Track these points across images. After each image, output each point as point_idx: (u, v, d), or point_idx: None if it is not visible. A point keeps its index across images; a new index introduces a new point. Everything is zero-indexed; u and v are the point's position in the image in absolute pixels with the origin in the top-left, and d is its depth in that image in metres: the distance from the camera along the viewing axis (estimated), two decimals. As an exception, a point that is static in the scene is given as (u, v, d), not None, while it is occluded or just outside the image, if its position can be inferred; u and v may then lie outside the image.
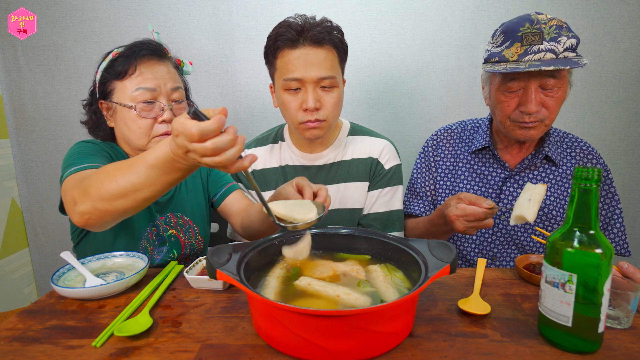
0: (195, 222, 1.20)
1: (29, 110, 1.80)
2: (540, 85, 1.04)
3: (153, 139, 1.06)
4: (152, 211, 1.13)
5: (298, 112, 1.09)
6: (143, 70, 1.04)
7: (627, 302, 0.73)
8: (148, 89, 1.03)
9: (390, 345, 0.67)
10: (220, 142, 0.62)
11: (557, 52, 1.01)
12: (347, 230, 0.92)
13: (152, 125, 1.05)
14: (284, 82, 1.07)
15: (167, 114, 1.05)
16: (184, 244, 1.18)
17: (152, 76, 1.04)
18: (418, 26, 1.69)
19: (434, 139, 1.32)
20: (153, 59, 1.07)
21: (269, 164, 1.25)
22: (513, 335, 0.71)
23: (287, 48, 1.06)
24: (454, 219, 0.99)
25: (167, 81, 1.06)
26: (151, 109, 1.04)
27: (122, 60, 1.04)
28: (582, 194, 0.65)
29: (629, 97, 1.71)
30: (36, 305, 0.85)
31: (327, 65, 1.07)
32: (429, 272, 0.69)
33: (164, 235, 1.15)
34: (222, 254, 0.74)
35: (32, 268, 1.96)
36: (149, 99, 1.04)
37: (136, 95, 1.03)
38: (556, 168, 1.18)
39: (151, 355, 0.67)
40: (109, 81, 1.06)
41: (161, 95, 1.05)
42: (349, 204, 1.24)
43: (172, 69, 1.11)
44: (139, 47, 1.06)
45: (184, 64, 1.18)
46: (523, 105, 1.05)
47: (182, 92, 1.11)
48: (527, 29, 1.02)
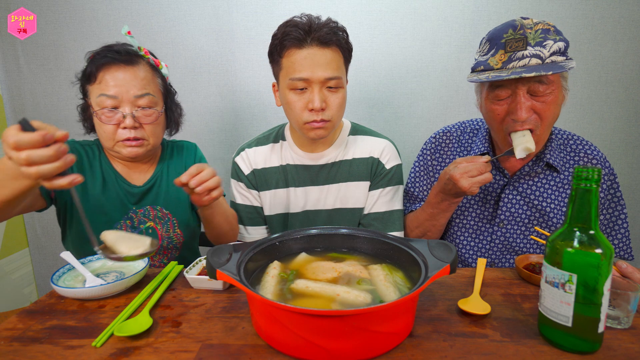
0: (174, 216, 1.22)
1: (29, 110, 1.80)
2: (529, 91, 1.01)
3: (118, 143, 1.09)
4: (125, 203, 1.16)
5: (303, 112, 1.09)
6: (105, 77, 1.05)
7: (627, 302, 0.73)
8: (109, 96, 1.05)
9: (390, 345, 0.67)
10: (35, 155, 0.66)
11: (543, 57, 0.97)
12: (347, 230, 0.92)
13: (116, 130, 1.08)
14: (290, 81, 1.07)
15: (128, 121, 1.06)
16: (161, 236, 1.20)
17: (114, 83, 1.05)
18: (418, 26, 1.69)
19: (432, 142, 1.30)
20: (116, 64, 1.06)
21: (269, 163, 1.25)
22: (513, 335, 0.71)
23: (294, 47, 1.06)
24: (458, 177, 1.01)
25: (130, 88, 1.06)
26: (113, 115, 1.06)
27: (90, 65, 1.08)
28: (582, 194, 0.65)
29: (629, 97, 1.71)
30: (36, 305, 0.85)
31: (334, 65, 1.07)
32: (429, 272, 0.69)
33: (141, 227, 1.17)
34: (222, 254, 0.74)
35: (32, 268, 1.96)
36: (110, 106, 1.05)
37: (99, 102, 1.06)
38: (558, 174, 1.14)
39: (151, 355, 0.67)
40: (83, 85, 1.11)
41: (124, 102, 1.06)
42: (349, 203, 1.24)
43: (143, 74, 1.09)
44: (104, 53, 1.07)
45: (162, 66, 1.17)
46: (512, 113, 1.02)
47: (151, 97, 1.09)
48: (511, 35, 0.99)
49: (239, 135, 1.82)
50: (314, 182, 1.24)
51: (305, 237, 0.91)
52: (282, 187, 1.25)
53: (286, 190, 1.25)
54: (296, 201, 1.25)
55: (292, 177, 1.24)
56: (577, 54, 1.67)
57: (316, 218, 1.25)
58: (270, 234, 1.29)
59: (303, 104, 1.08)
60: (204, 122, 1.82)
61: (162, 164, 1.24)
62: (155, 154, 1.24)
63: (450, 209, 1.14)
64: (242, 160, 1.26)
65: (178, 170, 1.25)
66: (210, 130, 1.83)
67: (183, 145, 1.31)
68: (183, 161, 1.27)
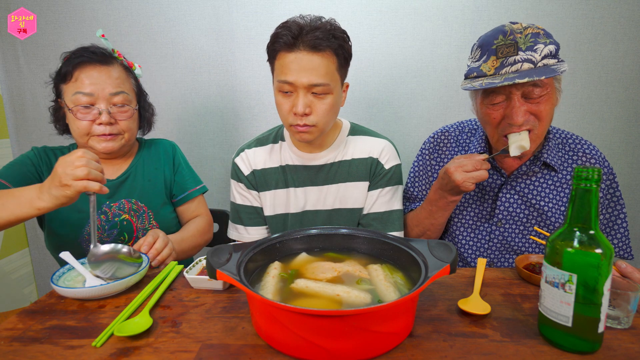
0: (150, 208, 1.25)
1: (29, 110, 1.80)
2: (524, 95, 1.01)
3: (93, 137, 1.14)
4: (99, 198, 1.19)
5: (289, 115, 1.09)
6: (81, 76, 1.11)
7: (627, 302, 0.73)
8: (85, 93, 1.10)
9: (390, 345, 0.67)
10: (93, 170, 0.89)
11: (535, 61, 0.97)
12: (347, 230, 0.92)
13: (90, 126, 1.13)
14: (277, 83, 1.09)
15: (104, 117, 1.12)
16: (136, 228, 1.23)
17: (89, 81, 1.11)
18: (418, 26, 1.69)
19: (431, 141, 1.30)
20: (92, 64, 1.12)
21: (269, 164, 1.25)
22: (513, 335, 0.71)
23: (283, 50, 1.06)
24: (453, 170, 1.03)
25: (106, 86, 1.12)
26: (88, 112, 1.12)
27: (65, 64, 1.13)
28: (582, 194, 0.65)
29: (629, 97, 1.71)
30: (36, 305, 0.85)
31: (321, 71, 1.05)
32: (429, 272, 0.69)
33: (115, 220, 1.20)
34: (222, 254, 0.74)
35: (32, 268, 1.96)
36: (86, 103, 1.11)
37: (74, 99, 1.11)
38: (556, 173, 1.15)
39: (151, 355, 0.67)
40: (57, 84, 1.15)
41: (99, 100, 1.12)
42: (349, 203, 1.24)
43: (118, 74, 1.16)
44: (79, 53, 1.14)
45: (135, 67, 1.24)
46: (508, 117, 1.03)
47: (125, 96, 1.16)
48: (501, 41, 0.99)
49: (239, 135, 1.82)
50: (314, 182, 1.24)
51: (305, 237, 0.91)
52: (282, 187, 1.25)
53: (286, 191, 1.25)
54: (296, 201, 1.25)
55: (291, 178, 1.24)
56: (577, 54, 1.67)
57: (316, 218, 1.25)
58: (270, 234, 1.29)
59: (289, 107, 1.09)
60: (204, 122, 1.82)
61: (137, 158, 1.29)
62: (128, 151, 1.28)
63: (449, 208, 1.15)
64: (242, 161, 1.26)
65: (153, 163, 1.30)
66: (210, 130, 1.83)
67: (160, 142, 1.36)
68: (159, 155, 1.32)
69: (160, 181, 1.29)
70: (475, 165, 1.03)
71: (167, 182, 1.31)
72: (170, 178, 1.32)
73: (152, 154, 1.32)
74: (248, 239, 1.27)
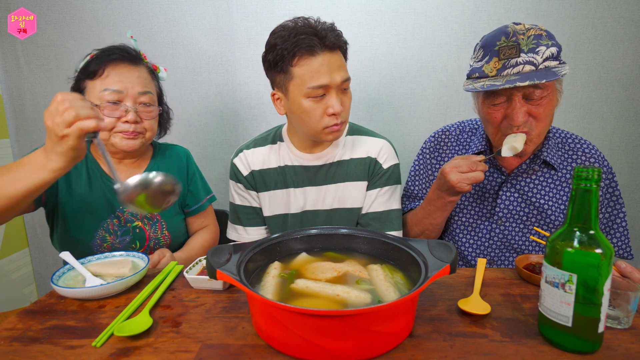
0: (163, 218, 1.24)
1: (29, 110, 1.80)
2: (525, 96, 1.02)
3: (116, 133, 1.13)
4: (112, 202, 1.19)
5: (323, 118, 1.08)
6: (111, 73, 1.11)
7: (627, 302, 0.73)
8: (114, 90, 1.10)
9: (390, 345, 0.67)
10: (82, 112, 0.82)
11: (537, 64, 0.97)
12: (347, 230, 0.92)
13: (115, 123, 1.12)
14: (309, 90, 1.05)
15: (130, 115, 1.11)
16: (148, 237, 1.22)
17: (119, 79, 1.11)
18: (418, 26, 1.69)
19: (432, 141, 1.31)
20: (123, 63, 1.13)
21: (268, 165, 1.25)
22: (513, 335, 0.71)
23: (307, 55, 1.04)
24: (448, 171, 1.04)
25: (134, 85, 1.13)
26: (116, 109, 1.11)
27: (95, 61, 1.12)
28: (582, 194, 0.65)
29: (629, 97, 1.71)
30: (36, 305, 0.85)
31: (344, 67, 1.10)
32: (429, 272, 0.69)
33: (128, 226, 1.20)
34: (222, 254, 0.74)
35: (32, 268, 1.96)
36: (115, 100, 1.10)
37: (103, 95, 1.10)
38: (555, 172, 1.15)
39: (151, 355, 0.67)
40: (82, 80, 1.14)
41: (127, 98, 1.12)
42: (347, 203, 1.24)
43: (145, 74, 1.18)
44: (111, 51, 1.14)
45: (159, 70, 1.25)
46: (509, 118, 1.04)
47: (151, 96, 1.17)
48: (504, 43, 0.99)
49: (239, 135, 1.82)
50: (313, 182, 1.24)
51: (305, 237, 0.91)
52: (281, 187, 1.25)
53: (286, 191, 1.25)
54: (296, 202, 1.25)
55: (291, 178, 1.24)
56: (577, 54, 1.67)
57: (315, 218, 1.25)
58: (270, 234, 1.29)
59: (322, 110, 1.08)
60: (204, 122, 1.82)
61: (151, 165, 1.27)
62: (143, 153, 1.27)
63: (447, 208, 1.15)
64: (241, 162, 1.26)
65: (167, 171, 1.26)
66: (210, 130, 1.83)
67: (173, 149, 1.35)
68: (172, 164, 1.31)
69: None
70: (471, 167, 1.03)
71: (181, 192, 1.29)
72: (183, 188, 1.31)
73: (166, 161, 1.30)
74: (247, 239, 1.28)
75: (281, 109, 1.16)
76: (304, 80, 1.05)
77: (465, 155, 1.07)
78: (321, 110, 1.08)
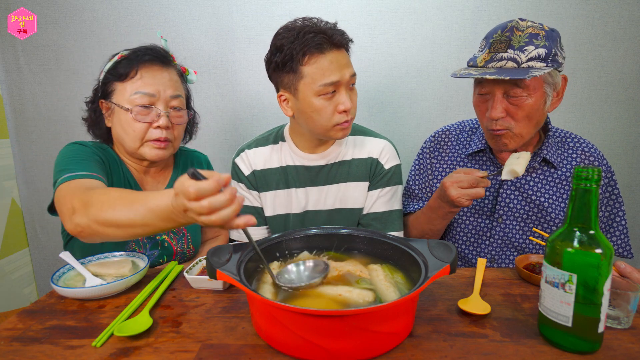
0: (189, 231, 1.23)
1: (29, 110, 1.80)
2: (506, 93, 1.03)
3: (146, 143, 1.08)
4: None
5: (334, 115, 1.09)
6: (144, 75, 1.06)
7: (627, 302, 0.73)
8: (146, 93, 1.05)
9: (390, 345, 0.67)
10: (216, 202, 0.64)
11: (520, 62, 0.98)
12: (347, 230, 0.92)
13: (147, 130, 1.07)
14: (320, 87, 1.05)
15: (162, 120, 1.07)
16: (175, 251, 1.19)
17: (152, 81, 1.06)
18: (418, 26, 1.69)
19: (432, 140, 1.32)
20: (156, 64, 1.08)
21: (269, 164, 1.25)
22: (513, 335, 0.72)
23: (316, 53, 1.04)
24: (448, 185, 1.03)
25: (167, 88, 1.08)
26: (148, 113, 1.06)
27: (126, 62, 1.06)
28: (582, 194, 0.65)
29: (629, 97, 1.71)
30: (36, 305, 0.85)
31: (351, 64, 1.10)
32: (429, 272, 0.69)
33: (157, 239, 1.16)
34: (222, 254, 0.74)
35: (32, 268, 1.96)
36: (147, 104, 1.06)
37: (134, 99, 1.05)
38: (555, 170, 1.17)
39: (151, 355, 0.67)
40: (110, 82, 1.08)
41: (159, 101, 1.07)
42: (349, 203, 1.24)
43: (175, 77, 1.13)
44: (144, 52, 1.08)
45: (188, 72, 1.20)
46: (488, 111, 1.06)
47: (182, 100, 1.12)
48: (498, 36, 1.02)
49: (239, 135, 1.82)
50: (314, 182, 1.24)
51: (305, 237, 0.91)
52: (282, 188, 1.25)
53: (287, 191, 1.25)
54: (297, 202, 1.25)
55: (292, 178, 1.24)
56: (577, 54, 1.67)
57: (316, 218, 1.25)
58: (271, 234, 1.29)
59: (333, 108, 1.08)
60: (204, 122, 1.81)
61: (175, 174, 1.24)
62: (168, 161, 1.24)
63: (447, 218, 1.16)
64: (242, 161, 1.26)
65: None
66: (210, 130, 1.83)
67: (194, 155, 1.32)
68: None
69: None
70: (472, 183, 1.01)
71: None
72: None
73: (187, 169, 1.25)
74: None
75: (288, 111, 1.15)
76: (315, 79, 1.05)
77: (468, 170, 1.05)
78: (332, 108, 1.08)
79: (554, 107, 1.09)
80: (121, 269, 0.94)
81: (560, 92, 1.08)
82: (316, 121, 1.10)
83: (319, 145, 1.22)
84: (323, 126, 1.11)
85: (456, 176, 1.03)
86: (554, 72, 1.03)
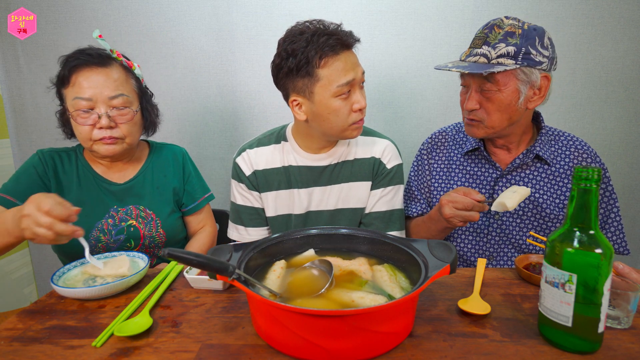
0: (158, 216, 1.24)
1: (29, 110, 1.80)
2: (480, 87, 1.08)
3: (95, 142, 1.12)
4: (106, 202, 1.19)
5: (350, 115, 1.10)
6: (79, 79, 1.08)
7: (627, 302, 0.73)
8: (83, 98, 1.07)
9: (390, 345, 0.67)
10: (58, 227, 0.80)
11: (490, 58, 1.04)
12: (347, 230, 0.92)
13: (92, 131, 1.10)
14: (337, 88, 1.06)
15: (104, 121, 1.08)
16: (143, 235, 1.21)
17: (88, 85, 1.08)
18: (418, 26, 1.69)
19: (429, 142, 1.34)
20: (91, 67, 1.09)
21: (271, 164, 1.25)
22: (513, 335, 0.72)
23: (331, 55, 1.05)
24: (444, 203, 1.04)
25: (104, 89, 1.08)
26: (88, 116, 1.09)
27: (62, 69, 1.11)
28: (582, 194, 0.65)
29: (629, 97, 1.71)
30: (36, 305, 0.85)
31: (359, 62, 1.12)
32: (429, 272, 0.69)
33: (122, 225, 1.19)
34: (223, 254, 0.74)
35: (32, 268, 1.96)
36: (85, 108, 1.08)
37: (74, 104, 1.08)
38: (549, 167, 1.18)
39: (151, 355, 0.67)
40: (58, 89, 1.13)
41: (98, 103, 1.09)
42: (351, 203, 1.25)
43: (117, 75, 1.12)
44: (76, 55, 1.10)
45: (135, 67, 1.19)
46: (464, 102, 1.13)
47: (126, 98, 1.12)
48: (480, 33, 1.08)
49: (239, 135, 1.82)
50: (317, 183, 1.24)
51: (305, 237, 0.91)
52: (284, 188, 1.24)
53: (289, 192, 1.25)
54: (300, 202, 1.24)
55: (295, 179, 1.24)
56: (577, 54, 1.67)
57: (318, 218, 1.25)
58: (272, 234, 1.29)
59: (349, 107, 1.09)
60: (204, 122, 1.82)
61: (146, 164, 1.27)
62: (135, 154, 1.26)
63: (446, 231, 1.18)
64: (243, 161, 1.26)
65: (162, 170, 1.28)
66: (210, 130, 1.83)
67: (169, 149, 1.34)
68: (169, 163, 1.30)
69: (169, 190, 1.28)
70: (466, 206, 1.01)
71: (176, 191, 1.29)
72: (180, 187, 1.30)
73: (161, 161, 1.29)
74: (248, 239, 1.27)
75: (302, 115, 1.12)
76: (332, 80, 1.05)
77: (467, 190, 1.04)
78: (348, 108, 1.09)
79: (535, 104, 1.10)
80: (121, 269, 0.94)
81: (542, 90, 1.08)
82: (332, 122, 1.10)
83: (324, 146, 1.22)
84: (339, 127, 1.11)
85: (454, 195, 1.04)
86: (528, 70, 1.04)
